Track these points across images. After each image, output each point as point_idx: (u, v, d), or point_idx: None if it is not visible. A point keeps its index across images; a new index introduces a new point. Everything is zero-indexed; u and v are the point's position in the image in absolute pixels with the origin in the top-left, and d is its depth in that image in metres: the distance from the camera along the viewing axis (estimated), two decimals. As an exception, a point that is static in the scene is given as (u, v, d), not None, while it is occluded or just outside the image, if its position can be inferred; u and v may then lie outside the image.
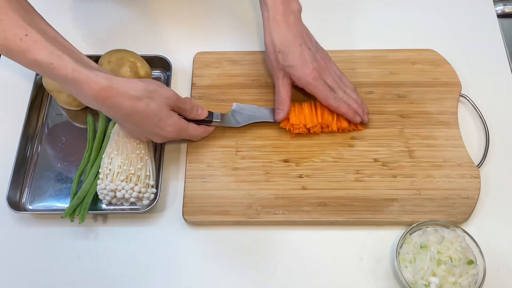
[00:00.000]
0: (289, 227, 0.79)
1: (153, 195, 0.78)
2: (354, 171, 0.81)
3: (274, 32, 0.79)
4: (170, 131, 0.75)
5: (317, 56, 0.80)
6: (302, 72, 0.79)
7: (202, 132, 0.82)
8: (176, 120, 0.76)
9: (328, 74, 0.81)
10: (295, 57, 0.79)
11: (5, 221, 0.80)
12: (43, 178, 0.83)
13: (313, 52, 0.80)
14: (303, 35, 0.80)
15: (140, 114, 0.71)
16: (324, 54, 0.83)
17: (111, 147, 0.79)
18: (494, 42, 0.95)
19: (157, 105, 0.72)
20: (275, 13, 0.78)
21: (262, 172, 0.81)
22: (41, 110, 0.89)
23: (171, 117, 0.75)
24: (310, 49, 0.80)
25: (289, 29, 0.79)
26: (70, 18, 1.00)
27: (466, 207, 0.78)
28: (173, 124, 0.75)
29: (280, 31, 0.79)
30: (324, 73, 0.81)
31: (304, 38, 0.80)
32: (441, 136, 0.84)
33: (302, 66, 0.79)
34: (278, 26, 0.79)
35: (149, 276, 0.76)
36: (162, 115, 0.73)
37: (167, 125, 0.74)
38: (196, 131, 0.81)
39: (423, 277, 0.70)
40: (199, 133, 0.81)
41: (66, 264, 0.77)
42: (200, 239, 0.78)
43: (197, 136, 0.82)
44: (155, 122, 0.73)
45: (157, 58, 0.91)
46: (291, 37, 0.79)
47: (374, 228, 0.78)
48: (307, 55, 0.79)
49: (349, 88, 0.84)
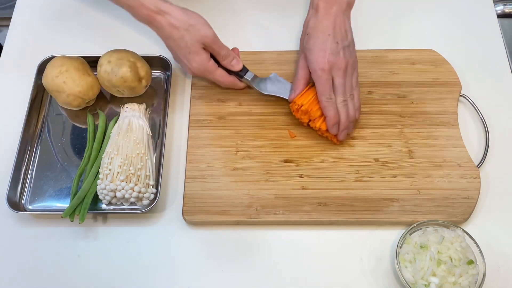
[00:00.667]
0: (289, 227, 0.79)
1: (153, 195, 0.78)
2: (354, 171, 0.81)
3: (312, 15, 0.80)
4: (195, 67, 0.81)
5: (340, 53, 0.78)
6: (315, 57, 0.78)
7: (230, 82, 0.84)
8: (203, 60, 0.80)
9: (341, 75, 0.78)
10: (316, 42, 0.78)
11: (5, 221, 0.80)
12: (43, 178, 0.83)
13: (338, 47, 0.78)
14: (337, 27, 0.78)
15: (174, 42, 0.79)
16: (351, 57, 0.80)
17: (111, 147, 0.79)
18: (494, 42, 0.95)
19: (190, 39, 0.78)
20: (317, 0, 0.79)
21: (262, 172, 0.81)
22: (41, 110, 0.89)
23: (200, 55, 0.80)
24: (338, 43, 0.78)
25: (325, 17, 0.78)
26: (70, 18, 1.00)
27: (466, 207, 0.78)
28: (200, 62, 0.80)
29: (316, 16, 0.79)
30: (336, 71, 0.78)
31: (336, 30, 0.78)
32: (441, 136, 0.84)
33: (318, 52, 0.78)
34: (316, 11, 0.79)
35: (149, 276, 0.76)
36: (192, 49, 0.79)
37: (194, 60, 0.80)
38: (223, 78, 0.83)
39: (423, 277, 0.70)
40: (227, 82, 0.84)
41: (66, 264, 0.77)
42: (200, 239, 0.78)
43: (224, 83, 0.84)
44: (184, 53, 0.80)
45: (157, 58, 0.91)
46: (324, 25, 0.78)
47: (374, 228, 0.78)
48: (328, 46, 0.77)
49: (352, 102, 0.81)
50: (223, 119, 0.86)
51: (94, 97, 0.87)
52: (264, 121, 0.86)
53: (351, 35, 0.81)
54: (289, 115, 0.86)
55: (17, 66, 0.95)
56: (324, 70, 0.78)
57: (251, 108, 0.87)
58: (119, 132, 0.81)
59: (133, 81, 0.84)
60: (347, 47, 0.79)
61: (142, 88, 0.87)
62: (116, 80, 0.83)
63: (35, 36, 0.98)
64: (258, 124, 0.85)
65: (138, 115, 0.84)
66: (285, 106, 0.86)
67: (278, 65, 0.91)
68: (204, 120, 0.86)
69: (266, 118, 0.86)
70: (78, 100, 0.84)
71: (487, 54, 0.94)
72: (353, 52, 0.81)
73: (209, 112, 0.87)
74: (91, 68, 0.87)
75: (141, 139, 0.81)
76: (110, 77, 0.84)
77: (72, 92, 0.83)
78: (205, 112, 0.87)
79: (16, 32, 0.99)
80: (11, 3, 1.50)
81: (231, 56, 0.82)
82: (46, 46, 0.95)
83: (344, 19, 0.80)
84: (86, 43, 0.97)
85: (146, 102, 0.88)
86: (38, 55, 0.91)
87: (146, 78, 0.86)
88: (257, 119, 0.86)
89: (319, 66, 0.78)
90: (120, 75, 0.83)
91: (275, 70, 0.90)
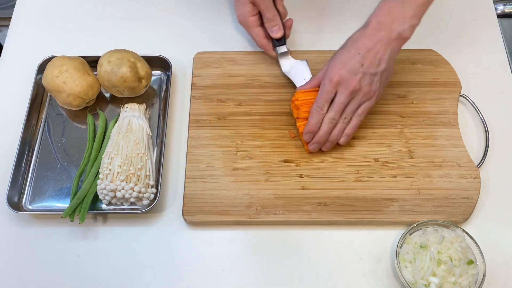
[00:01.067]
0: (289, 227, 0.79)
1: (153, 195, 0.78)
2: (354, 171, 0.81)
3: (360, 30, 0.76)
4: (237, 16, 0.87)
5: (358, 75, 0.74)
6: (331, 66, 0.76)
7: (262, 45, 0.87)
8: (245, 12, 0.85)
9: (346, 94, 0.75)
10: (343, 54, 0.76)
11: (5, 221, 0.80)
12: (43, 178, 0.83)
13: (361, 69, 0.74)
14: (373, 52, 0.74)
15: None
16: (370, 86, 0.76)
17: (111, 147, 0.79)
18: (494, 42, 0.95)
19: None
20: (374, 17, 0.75)
21: (262, 172, 0.81)
22: (41, 110, 0.89)
23: (245, 6, 0.84)
24: (362, 65, 0.74)
25: (369, 37, 0.74)
26: (70, 18, 1.00)
27: (466, 207, 0.78)
28: (242, 12, 0.85)
29: (362, 32, 0.76)
30: (343, 89, 0.75)
31: (369, 53, 0.74)
32: (441, 136, 0.84)
33: (337, 63, 0.76)
34: (365, 28, 0.76)
35: (149, 276, 0.76)
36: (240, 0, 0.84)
37: (238, 9, 0.86)
38: (258, 38, 0.86)
39: (423, 277, 0.70)
40: (260, 43, 0.87)
41: (66, 264, 0.77)
42: (200, 239, 0.78)
43: (258, 43, 0.87)
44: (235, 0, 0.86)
45: (157, 58, 0.90)
46: (361, 42, 0.75)
47: (374, 228, 0.78)
48: (351, 63, 0.74)
49: (343, 126, 0.78)
50: (223, 119, 0.86)
51: (94, 97, 0.87)
52: (264, 121, 0.86)
53: (384, 67, 0.75)
54: (289, 115, 0.86)
55: (17, 66, 0.95)
56: (332, 81, 0.76)
57: (251, 108, 0.87)
58: (119, 132, 0.81)
59: (133, 81, 0.84)
60: (372, 75, 0.75)
61: (142, 88, 0.87)
62: (116, 80, 0.83)
63: (35, 36, 0.98)
64: (258, 124, 0.85)
65: (138, 115, 0.84)
66: (285, 106, 0.86)
67: (278, 65, 0.91)
68: (204, 120, 0.86)
69: (266, 118, 0.86)
70: (78, 100, 0.84)
71: (487, 54, 0.94)
72: (376, 83, 0.76)
73: (209, 112, 0.87)
74: (91, 68, 0.87)
75: (141, 139, 0.81)
76: (110, 77, 0.84)
77: (72, 92, 0.83)
78: (205, 112, 0.87)
79: (16, 32, 0.99)
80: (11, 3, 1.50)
81: (274, 22, 0.83)
82: (46, 46, 0.95)
83: (387, 48, 0.74)
84: (86, 43, 0.97)
85: (146, 102, 0.88)
86: (38, 55, 0.91)
87: (146, 78, 0.86)
88: (257, 119, 0.86)
89: (328, 75, 0.76)
90: (120, 75, 0.83)
91: (274, 70, 0.90)
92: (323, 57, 0.91)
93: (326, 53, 0.92)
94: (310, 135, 0.79)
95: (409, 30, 0.74)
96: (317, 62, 0.91)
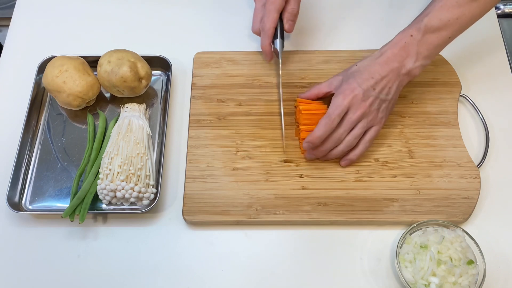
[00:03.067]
0: (289, 227, 0.79)
1: (153, 195, 0.78)
2: (354, 171, 0.81)
3: (373, 56, 0.77)
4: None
5: (370, 98, 0.75)
6: (346, 84, 0.76)
7: (262, 39, 0.85)
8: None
9: (358, 115, 0.75)
10: (357, 76, 0.76)
11: (5, 221, 0.80)
12: (43, 178, 0.83)
13: (373, 92, 0.75)
14: (385, 80, 0.75)
15: None
16: (378, 113, 0.77)
17: (111, 147, 0.79)
18: (494, 42, 0.95)
19: None
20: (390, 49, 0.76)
21: (262, 172, 0.81)
22: (41, 110, 0.89)
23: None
24: (375, 89, 0.75)
25: (382, 65, 0.75)
26: (70, 18, 1.00)
27: (466, 207, 0.78)
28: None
29: (376, 59, 0.76)
30: (354, 109, 0.75)
31: (382, 81, 0.75)
32: (441, 136, 0.84)
33: (352, 82, 0.76)
34: (379, 56, 0.76)
35: (149, 276, 0.76)
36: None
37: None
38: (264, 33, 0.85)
39: (423, 277, 0.70)
40: (262, 40, 0.86)
41: (66, 264, 0.77)
42: (200, 239, 0.78)
43: (262, 28, 0.85)
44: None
45: (157, 58, 0.91)
46: (375, 68, 0.75)
47: (374, 228, 0.78)
48: (365, 85, 0.75)
49: (345, 149, 0.78)
50: (223, 119, 0.86)
51: (94, 97, 0.87)
52: (264, 121, 0.86)
53: (392, 96, 0.77)
54: (289, 115, 0.86)
55: (17, 66, 0.95)
56: (346, 97, 0.75)
57: (251, 108, 0.87)
58: (119, 132, 0.81)
59: (133, 81, 0.84)
60: (381, 101, 0.77)
61: (142, 88, 0.87)
62: (116, 80, 0.83)
63: (35, 36, 0.98)
64: (258, 124, 0.85)
65: (138, 115, 0.84)
66: (285, 106, 0.86)
67: (278, 64, 0.91)
68: (204, 120, 0.86)
69: (266, 118, 0.86)
70: (78, 100, 0.84)
71: (487, 54, 0.94)
72: (384, 110, 0.78)
73: (209, 112, 0.87)
74: (91, 68, 0.87)
75: (141, 139, 0.81)
76: (110, 77, 0.84)
77: (72, 92, 0.83)
78: (205, 112, 0.87)
79: (16, 32, 0.99)
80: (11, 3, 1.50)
81: (264, 13, 0.83)
82: (46, 46, 0.95)
83: (396, 81, 0.76)
84: (86, 43, 0.97)
85: (146, 102, 0.88)
86: (38, 55, 0.91)
87: (146, 78, 0.86)
88: (257, 119, 0.86)
89: (343, 91, 0.76)
90: (120, 75, 0.83)
91: (274, 70, 0.90)
92: (323, 57, 0.91)
93: (326, 53, 0.92)
94: (311, 145, 0.78)
95: (418, 69, 0.76)
96: (317, 62, 0.91)
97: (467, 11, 0.73)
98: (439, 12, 0.74)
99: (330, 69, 0.90)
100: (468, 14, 0.73)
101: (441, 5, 0.73)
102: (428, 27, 0.74)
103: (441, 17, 0.73)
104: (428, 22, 0.74)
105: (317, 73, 0.90)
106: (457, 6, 0.73)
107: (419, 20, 0.75)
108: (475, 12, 0.74)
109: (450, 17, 0.73)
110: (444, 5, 0.73)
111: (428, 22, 0.74)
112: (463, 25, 0.74)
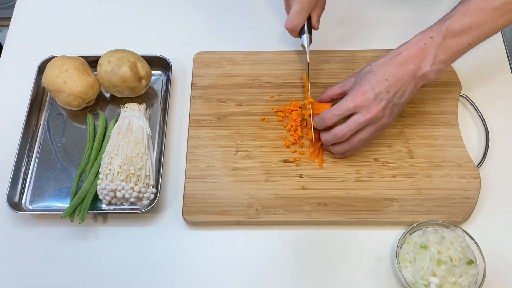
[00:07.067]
0: (289, 227, 0.79)
1: (153, 195, 0.78)
2: (354, 171, 0.81)
3: (388, 56, 0.75)
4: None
5: (383, 102, 0.73)
6: (358, 86, 0.75)
7: (288, 24, 0.84)
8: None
9: (367, 118, 0.74)
10: (370, 78, 0.74)
11: (5, 221, 0.80)
12: (43, 178, 0.83)
13: (386, 95, 0.73)
14: (399, 82, 0.73)
15: None
16: (387, 117, 0.75)
17: (111, 147, 0.79)
18: (494, 42, 0.95)
19: None
20: (407, 49, 0.74)
21: (262, 172, 0.81)
22: (41, 110, 0.89)
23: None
24: (388, 92, 0.73)
25: (398, 66, 0.73)
26: (70, 18, 1.00)
27: (466, 207, 0.78)
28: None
29: (391, 59, 0.74)
30: (365, 112, 0.74)
31: (396, 83, 0.73)
32: (441, 136, 0.84)
33: (364, 84, 0.74)
34: (395, 56, 0.74)
35: (149, 276, 0.76)
36: None
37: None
38: (288, 21, 0.83)
39: (423, 277, 0.70)
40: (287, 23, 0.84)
41: (66, 264, 0.77)
42: (200, 239, 0.78)
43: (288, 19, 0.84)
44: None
45: (157, 58, 0.91)
46: (390, 70, 0.73)
47: (374, 228, 0.78)
48: (379, 87, 0.73)
49: (344, 147, 0.79)
50: (223, 119, 0.86)
51: (94, 97, 0.87)
52: (264, 121, 0.86)
53: (405, 100, 0.75)
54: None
55: (17, 66, 0.95)
56: (355, 100, 0.74)
57: (251, 108, 0.87)
58: (119, 132, 0.81)
59: (133, 81, 0.84)
60: (394, 105, 0.75)
61: (142, 88, 0.87)
62: (116, 80, 0.83)
63: (35, 36, 0.98)
64: (258, 124, 0.85)
65: (138, 115, 0.84)
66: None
67: (278, 65, 0.91)
68: (204, 120, 0.86)
69: (266, 118, 0.86)
70: (78, 100, 0.84)
71: (487, 54, 0.94)
72: (395, 114, 0.77)
73: (209, 112, 0.87)
74: (91, 68, 0.87)
75: (141, 139, 0.81)
76: (110, 77, 0.84)
77: (72, 92, 0.83)
78: (205, 112, 0.87)
79: (16, 32, 0.99)
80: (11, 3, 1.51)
81: (291, 10, 0.82)
82: (46, 46, 0.95)
83: (411, 83, 0.74)
84: (86, 43, 0.97)
85: (146, 102, 0.88)
86: (38, 55, 0.91)
87: (146, 78, 0.86)
88: (257, 119, 0.86)
89: (354, 93, 0.74)
90: (120, 75, 0.83)
91: (274, 70, 0.90)
92: (323, 57, 0.91)
93: (326, 53, 0.92)
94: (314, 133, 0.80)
95: (434, 73, 0.74)
96: (317, 62, 0.91)
97: (489, 19, 0.71)
98: (461, 16, 0.72)
99: (330, 69, 0.90)
100: (491, 23, 0.71)
101: (464, 10, 0.72)
102: (449, 31, 0.72)
103: (463, 22, 0.71)
104: (449, 25, 0.72)
105: (317, 73, 0.90)
106: (480, 13, 0.71)
107: (441, 22, 0.73)
108: (498, 21, 0.72)
109: (472, 23, 0.71)
110: (467, 10, 0.72)
111: (450, 25, 0.72)
112: (484, 33, 0.72)
